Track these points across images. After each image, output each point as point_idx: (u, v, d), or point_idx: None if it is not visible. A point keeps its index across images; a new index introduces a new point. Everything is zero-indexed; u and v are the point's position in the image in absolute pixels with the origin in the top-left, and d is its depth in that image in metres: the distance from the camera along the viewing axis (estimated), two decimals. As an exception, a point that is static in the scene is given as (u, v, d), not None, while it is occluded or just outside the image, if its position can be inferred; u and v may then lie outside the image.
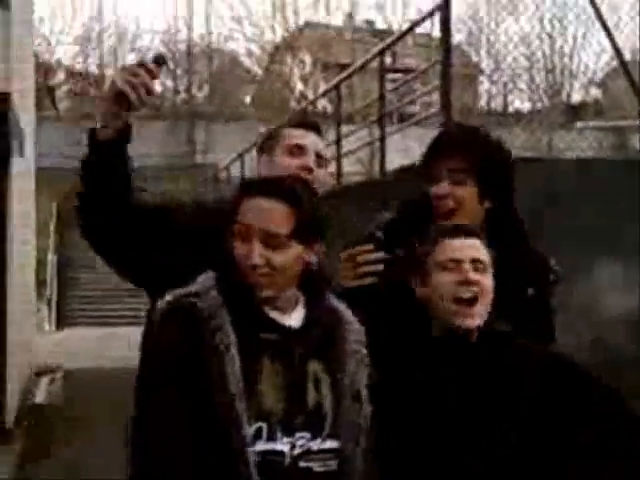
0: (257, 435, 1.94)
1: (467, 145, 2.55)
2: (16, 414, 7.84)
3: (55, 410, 8.76)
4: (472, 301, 2.19)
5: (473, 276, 2.20)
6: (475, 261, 2.22)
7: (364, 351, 2.12)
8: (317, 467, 1.99)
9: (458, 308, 2.19)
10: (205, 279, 2.09)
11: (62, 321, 19.94)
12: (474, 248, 2.25)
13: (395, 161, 8.79)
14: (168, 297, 2.07)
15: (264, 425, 1.94)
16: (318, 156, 2.64)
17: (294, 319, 2.07)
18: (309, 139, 2.66)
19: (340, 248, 2.51)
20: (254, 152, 2.85)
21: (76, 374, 10.83)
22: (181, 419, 1.92)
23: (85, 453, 6.83)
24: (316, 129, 2.72)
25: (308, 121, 2.84)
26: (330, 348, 2.08)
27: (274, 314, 2.05)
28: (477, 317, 2.20)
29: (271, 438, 1.95)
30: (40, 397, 9.13)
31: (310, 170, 2.58)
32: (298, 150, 2.63)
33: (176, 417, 1.92)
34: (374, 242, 2.61)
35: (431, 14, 7.61)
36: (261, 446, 1.94)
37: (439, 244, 2.26)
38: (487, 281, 2.23)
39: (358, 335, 2.13)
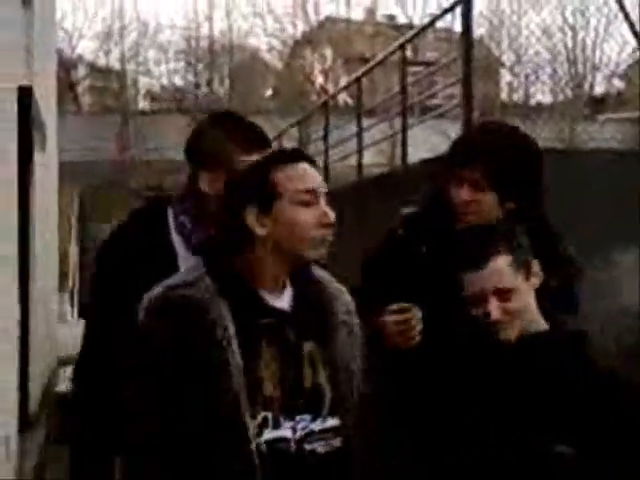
0: (264, 424, 1.90)
1: (486, 154, 2.49)
2: (39, 403, 7.89)
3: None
4: None
5: None
6: None
7: (354, 320, 2.09)
8: (320, 448, 1.95)
9: None
10: (194, 267, 2.01)
11: (84, 312, 20.06)
12: None
13: (417, 153, 8.78)
14: (156, 291, 1.96)
15: (269, 414, 1.91)
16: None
17: (285, 300, 2.02)
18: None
19: (359, 241, 2.49)
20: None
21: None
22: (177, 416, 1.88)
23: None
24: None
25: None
26: (320, 324, 2.04)
27: (267, 297, 1.99)
28: None
29: (276, 425, 1.91)
30: (63, 386, 9.19)
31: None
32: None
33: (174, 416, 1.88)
34: (395, 241, 2.61)
35: (452, 8, 7.59)
36: (268, 435, 1.90)
37: None
38: None
39: (345, 305, 2.10)
